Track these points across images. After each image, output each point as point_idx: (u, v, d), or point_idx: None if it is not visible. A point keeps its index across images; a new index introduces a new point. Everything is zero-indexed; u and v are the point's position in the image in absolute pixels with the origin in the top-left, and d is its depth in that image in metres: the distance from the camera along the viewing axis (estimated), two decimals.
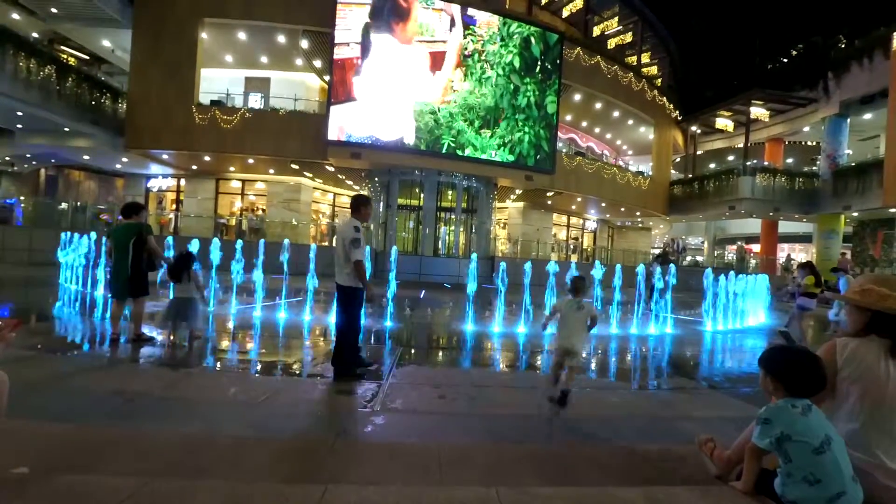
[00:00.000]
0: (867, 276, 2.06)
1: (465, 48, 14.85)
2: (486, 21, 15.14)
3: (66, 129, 14.77)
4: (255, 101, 18.15)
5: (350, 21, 14.11)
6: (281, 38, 15.89)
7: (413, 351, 5.44)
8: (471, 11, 14.99)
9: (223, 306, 7.12)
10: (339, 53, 14.09)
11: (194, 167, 18.52)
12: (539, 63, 15.83)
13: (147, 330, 5.04)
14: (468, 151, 15.11)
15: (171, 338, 4.85)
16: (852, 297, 1.93)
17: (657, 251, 28.85)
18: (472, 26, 14.95)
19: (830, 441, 1.58)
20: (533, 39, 15.71)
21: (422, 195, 16.37)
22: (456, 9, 14.73)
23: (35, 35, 15.85)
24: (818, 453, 1.56)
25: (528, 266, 7.52)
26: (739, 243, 31.95)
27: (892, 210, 17.90)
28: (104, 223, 15.80)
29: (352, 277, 3.94)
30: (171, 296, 4.92)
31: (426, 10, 14.62)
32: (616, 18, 24.51)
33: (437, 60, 14.63)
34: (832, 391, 1.81)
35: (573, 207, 23.82)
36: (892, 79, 16.71)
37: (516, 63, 15.45)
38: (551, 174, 16.80)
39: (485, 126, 15.23)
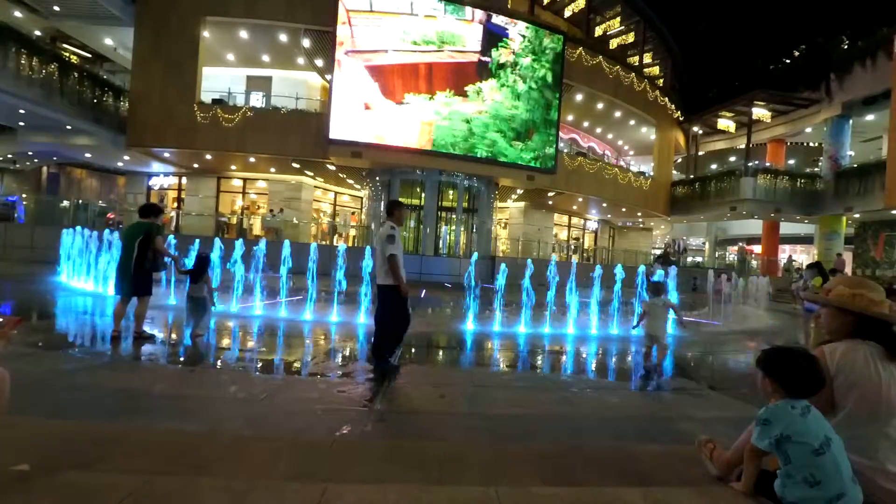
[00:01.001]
0: (841, 279, 2.06)
1: (497, 59, 15.04)
2: (520, 33, 15.31)
3: (68, 127, 14.79)
4: (257, 100, 18.17)
5: (362, 29, 14.17)
6: (283, 37, 15.89)
7: (413, 350, 5.44)
8: (501, 21, 15.17)
9: (236, 307, 7.12)
10: (370, 60, 14.17)
11: (196, 165, 18.54)
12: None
13: (147, 328, 5.05)
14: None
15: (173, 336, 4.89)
16: (845, 302, 1.92)
17: (658, 252, 28.85)
18: (504, 38, 15.12)
19: (830, 442, 1.58)
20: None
21: (423, 194, 16.37)
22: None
23: (37, 33, 15.86)
24: (818, 454, 1.56)
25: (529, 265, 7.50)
26: (740, 244, 31.91)
27: (894, 212, 17.87)
28: (108, 222, 15.83)
29: (391, 275, 4.12)
30: (186, 295, 5.09)
31: (458, 22, 14.77)
32: (618, 19, 24.43)
33: (460, 70, 14.71)
34: (831, 402, 1.81)
35: (574, 207, 23.81)
36: (895, 80, 16.65)
37: (549, 78, 15.70)
38: (553, 174, 16.79)
39: (517, 138, 15.53)
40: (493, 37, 14.91)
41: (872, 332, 1.81)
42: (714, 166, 29.42)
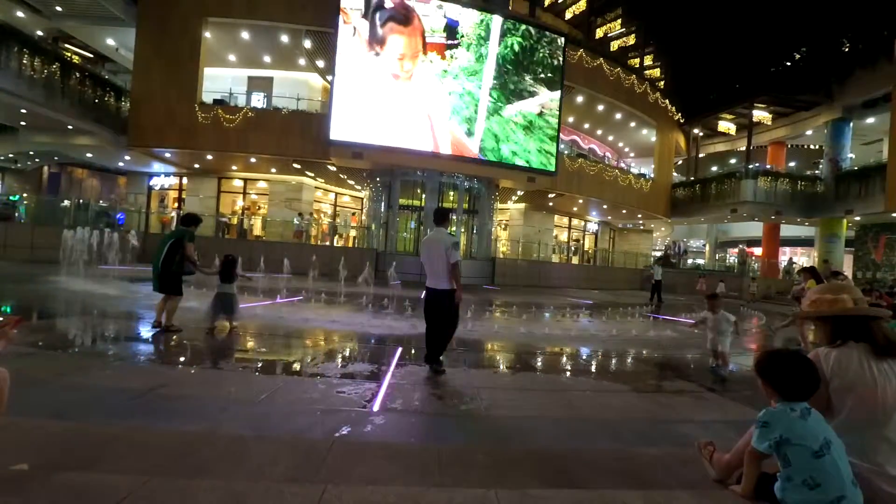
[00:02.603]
0: (814, 289, 2.08)
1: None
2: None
3: (70, 127, 14.82)
4: (258, 101, 18.20)
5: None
6: (284, 38, 15.93)
7: (413, 351, 5.43)
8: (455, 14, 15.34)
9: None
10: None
11: (196, 166, 18.57)
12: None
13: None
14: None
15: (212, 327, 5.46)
16: (805, 311, 1.98)
17: (658, 253, 28.84)
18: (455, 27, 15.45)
19: (830, 444, 1.58)
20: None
21: (423, 196, 16.38)
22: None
23: (39, 33, 15.92)
24: (817, 457, 1.56)
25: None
26: (741, 246, 31.91)
27: (895, 214, 17.86)
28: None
29: (450, 280, 4.21)
30: (216, 293, 5.59)
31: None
32: (619, 21, 24.51)
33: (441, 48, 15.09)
34: (828, 406, 1.81)
35: (575, 209, 23.83)
36: None
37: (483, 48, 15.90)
38: (553, 176, 16.80)
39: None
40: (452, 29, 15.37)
41: (857, 333, 1.82)
42: (715, 168, 29.43)
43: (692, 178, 25.79)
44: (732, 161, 28.92)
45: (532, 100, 16.10)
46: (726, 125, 25.80)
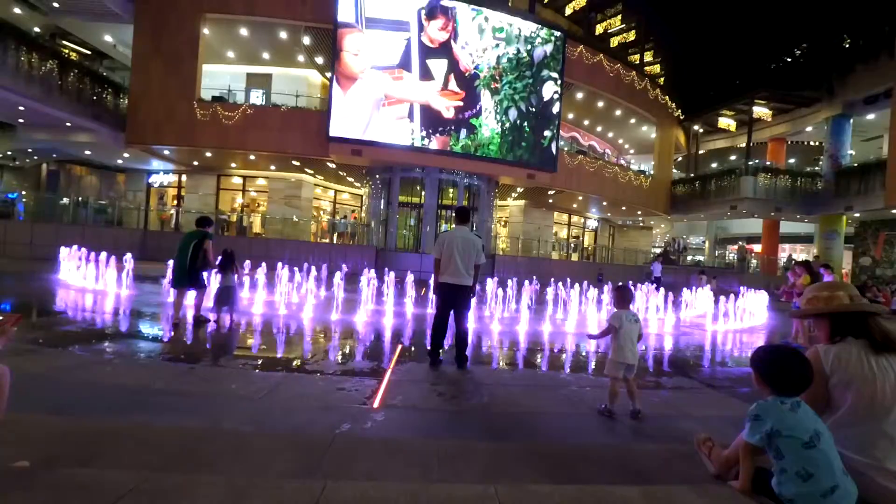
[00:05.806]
0: (810, 287, 2.10)
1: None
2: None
3: (68, 124, 14.76)
4: (257, 98, 18.13)
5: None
6: (283, 34, 15.85)
7: (413, 348, 5.45)
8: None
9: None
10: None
11: (195, 163, 18.52)
12: None
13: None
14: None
15: (216, 317, 5.88)
16: (802, 310, 1.99)
17: (658, 250, 28.86)
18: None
19: (820, 436, 1.60)
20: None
21: (423, 192, 16.36)
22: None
23: (37, 29, 15.82)
24: (808, 447, 1.58)
25: None
26: (740, 243, 31.92)
27: (895, 211, 17.87)
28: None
29: (473, 278, 4.53)
30: (218, 284, 5.92)
31: None
32: (619, 17, 24.39)
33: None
34: (827, 401, 1.82)
35: (574, 206, 23.81)
36: None
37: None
38: (553, 172, 16.78)
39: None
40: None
41: (855, 329, 1.84)
42: (714, 165, 29.42)
43: (692, 175, 25.76)
44: (732, 157, 28.88)
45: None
46: (726, 121, 25.73)
